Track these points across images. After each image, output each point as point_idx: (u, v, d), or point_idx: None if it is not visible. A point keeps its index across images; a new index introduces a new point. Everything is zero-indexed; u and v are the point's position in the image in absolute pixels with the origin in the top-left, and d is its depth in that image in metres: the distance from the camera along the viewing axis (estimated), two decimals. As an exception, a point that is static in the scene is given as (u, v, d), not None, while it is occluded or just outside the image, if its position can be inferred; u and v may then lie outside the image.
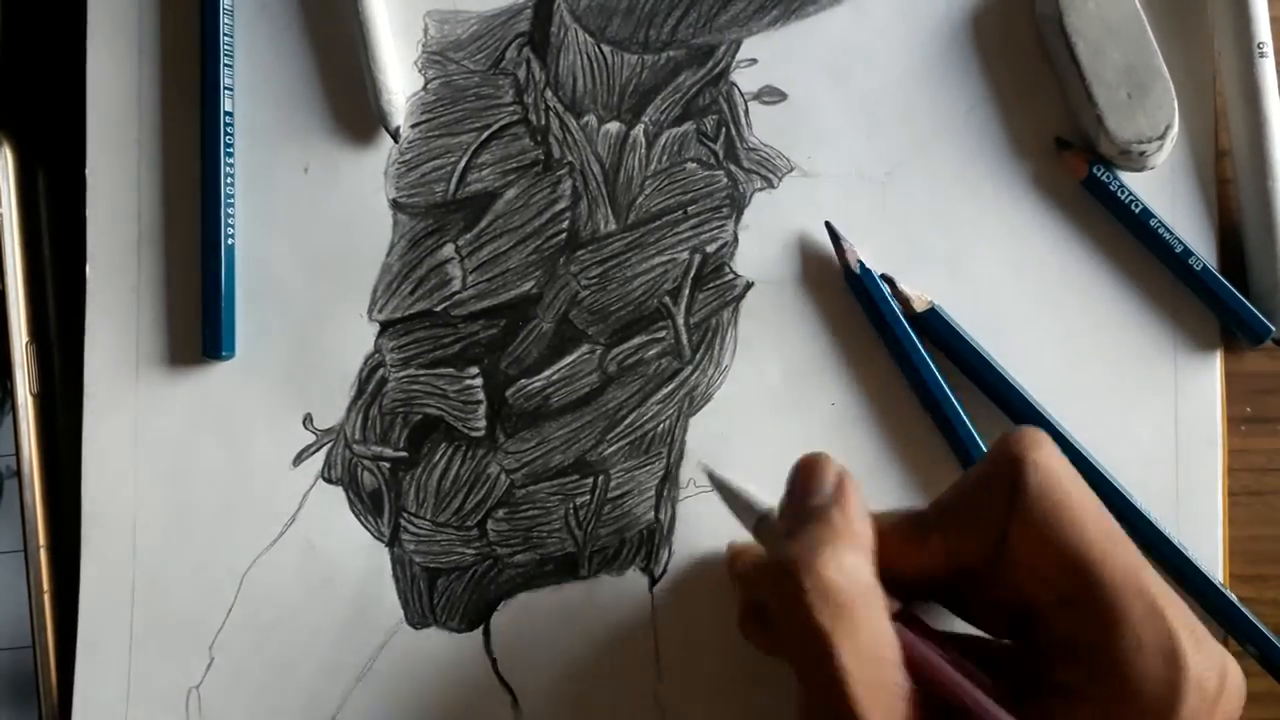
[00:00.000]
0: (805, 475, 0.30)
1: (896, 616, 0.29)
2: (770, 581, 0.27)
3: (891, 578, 0.28)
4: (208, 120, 0.38)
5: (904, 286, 0.37)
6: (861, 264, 0.37)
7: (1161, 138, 0.37)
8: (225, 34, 0.38)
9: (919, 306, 0.37)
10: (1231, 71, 0.37)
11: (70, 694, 0.37)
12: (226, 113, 0.38)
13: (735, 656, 0.32)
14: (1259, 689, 0.37)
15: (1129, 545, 0.28)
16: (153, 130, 0.39)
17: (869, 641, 0.26)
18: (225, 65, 0.38)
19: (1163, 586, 0.27)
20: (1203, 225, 0.38)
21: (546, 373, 0.38)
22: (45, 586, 0.38)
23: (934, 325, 0.37)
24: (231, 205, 0.38)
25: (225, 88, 0.38)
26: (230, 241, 0.38)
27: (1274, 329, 0.37)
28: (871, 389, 0.38)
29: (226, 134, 0.38)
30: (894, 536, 0.29)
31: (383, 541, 0.38)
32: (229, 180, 0.38)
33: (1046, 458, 0.28)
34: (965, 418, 0.37)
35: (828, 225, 0.38)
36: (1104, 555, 0.27)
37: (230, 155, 0.38)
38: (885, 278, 0.38)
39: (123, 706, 0.37)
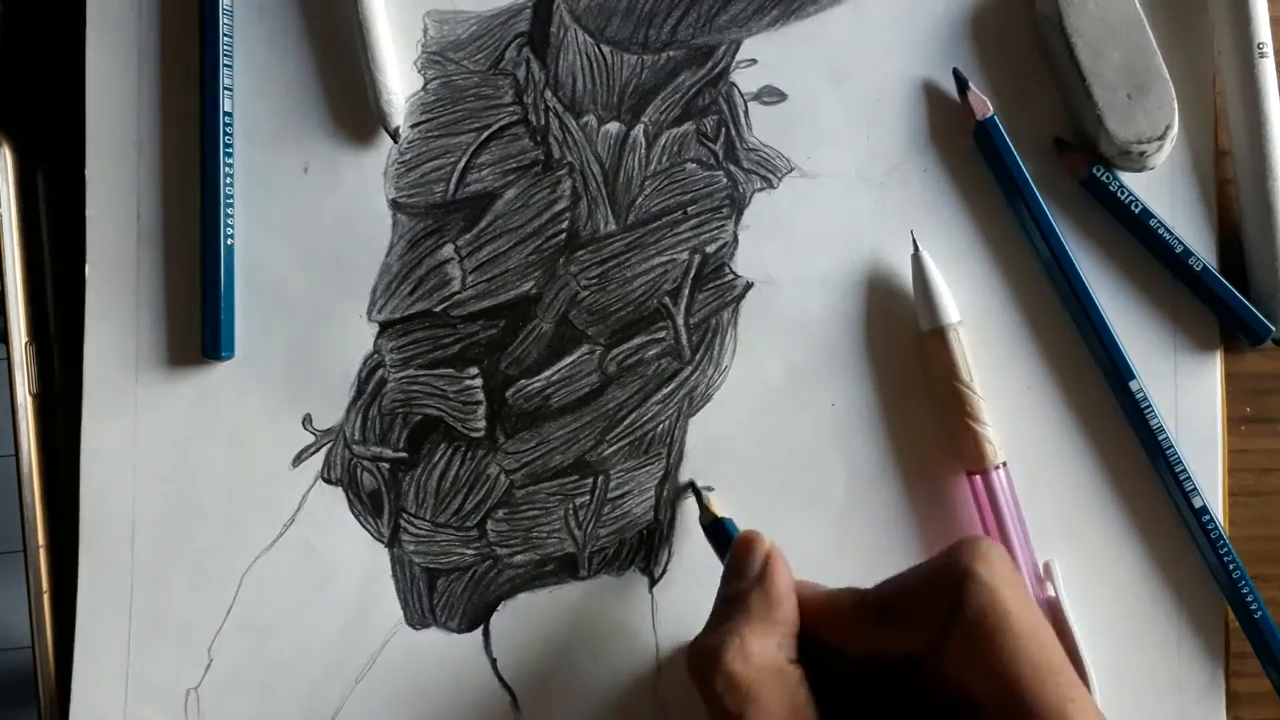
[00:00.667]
0: (736, 555, 0.32)
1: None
2: (689, 668, 0.29)
3: (835, 651, 0.30)
4: (207, 121, 0.38)
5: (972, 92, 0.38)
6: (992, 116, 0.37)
7: (1161, 138, 0.37)
8: (225, 34, 0.38)
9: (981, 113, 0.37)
10: (1231, 72, 0.37)
11: (69, 694, 0.37)
12: (226, 113, 0.38)
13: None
14: (1256, 690, 0.37)
15: (1064, 672, 0.28)
16: (152, 131, 0.39)
17: (772, 715, 0.28)
18: (225, 66, 0.38)
19: (1094, 716, 0.27)
20: (1202, 225, 0.38)
21: (546, 373, 0.38)
22: (44, 586, 0.38)
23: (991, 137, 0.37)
24: (231, 206, 0.38)
25: (225, 88, 0.38)
26: (230, 242, 0.38)
27: (1274, 329, 0.37)
28: (872, 391, 0.38)
29: (226, 134, 0.38)
30: (833, 615, 0.30)
31: (382, 542, 0.38)
32: (228, 181, 0.38)
33: (993, 575, 0.28)
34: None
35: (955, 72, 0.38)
36: (1031, 691, 0.27)
37: (230, 155, 0.38)
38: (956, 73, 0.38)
39: (120, 707, 0.37)
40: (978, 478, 0.36)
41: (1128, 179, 0.38)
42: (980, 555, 0.29)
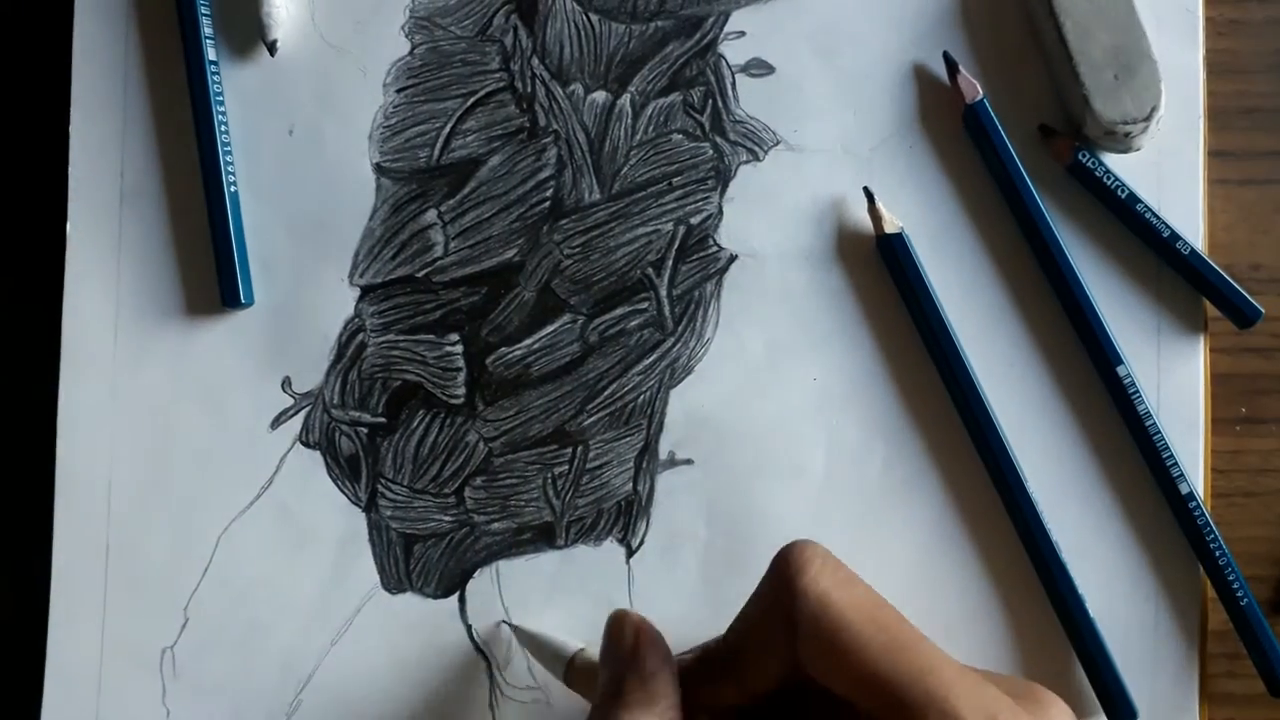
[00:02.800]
0: (607, 636, 0.31)
1: None
2: None
3: (720, 709, 0.30)
4: (194, 69, 0.38)
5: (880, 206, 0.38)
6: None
7: (1147, 119, 0.37)
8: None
9: (889, 228, 0.37)
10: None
11: (44, 653, 0.37)
12: (211, 61, 0.38)
13: (710, 629, 0.32)
14: (1249, 691, 0.37)
15: (915, 646, 0.28)
16: (138, 90, 0.39)
17: None
18: (204, 15, 0.38)
19: (960, 678, 0.27)
20: (1189, 209, 0.38)
21: (527, 341, 0.38)
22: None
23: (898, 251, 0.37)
24: (230, 152, 0.38)
25: (206, 37, 0.38)
26: (233, 189, 0.38)
27: (1263, 312, 0.37)
28: (853, 366, 0.38)
29: (214, 82, 0.38)
30: (697, 679, 0.30)
31: (360, 506, 0.38)
32: (224, 129, 0.38)
33: (813, 581, 0.28)
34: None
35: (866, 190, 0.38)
36: (888, 671, 0.27)
37: (221, 103, 0.38)
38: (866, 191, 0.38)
39: (96, 665, 0.37)
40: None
41: (1114, 162, 0.38)
42: (797, 566, 0.28)
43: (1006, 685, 0.28)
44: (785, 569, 0.29)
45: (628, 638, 0.30)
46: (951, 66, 0.38)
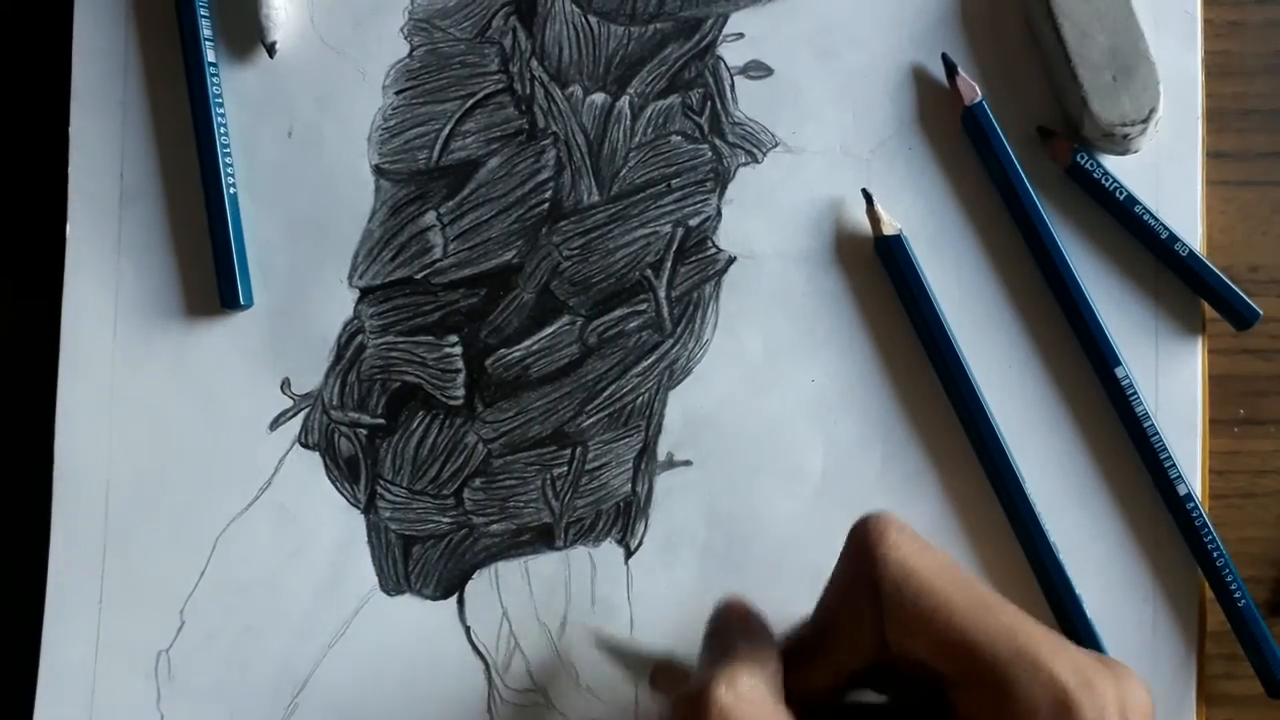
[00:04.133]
0: (717, 617, 0.31)
1: None
2: (680, 712, 0.29)
3: (815, 691, 0.30)
4: (193, 71, 0.38)
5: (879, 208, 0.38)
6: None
7: (1145, 121, 0.37)
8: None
9: (887, 230, 0.37)
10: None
11: (38, 654, 0.37)
12: (211, 63, 0.38)
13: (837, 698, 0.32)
14: (1247, 692, 0.37)
15: (999, 606, 0.28)
16: (138, 90, 0.39)
17: None
18: (203, 17, 0.38)
19: (1044, 635, 0.27)
20: (1187, 210, 0.38)
21: (526, 343, 0.38)
22: None
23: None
24: (229, 154, 0.38)
25: (206, 39, 0.38)
26: (232, 190, 0.38)
27: (1261, 313, 0.37)
28: (851, 367, 0.38)
29: (213, 84, 0.38)
30: (792, 663, 0.30)
31: (358, 508, 0.38)
32: (223, 131, 0.38)
33: (893, 548, 0.28)
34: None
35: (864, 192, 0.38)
36: (975, 631, 0.27)
37: (220, 106, 0.38)
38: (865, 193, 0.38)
39: (91, 667, 0.37)
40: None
41: (1112, 164, 0.38)
42: (875, 536, 0.29)
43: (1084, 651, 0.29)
44: (864, 540, 0.29)
45: (739, 613, 0.31)
46: (950, 68, 0.38)
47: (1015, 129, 0.38)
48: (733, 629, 0.30)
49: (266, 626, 0.37)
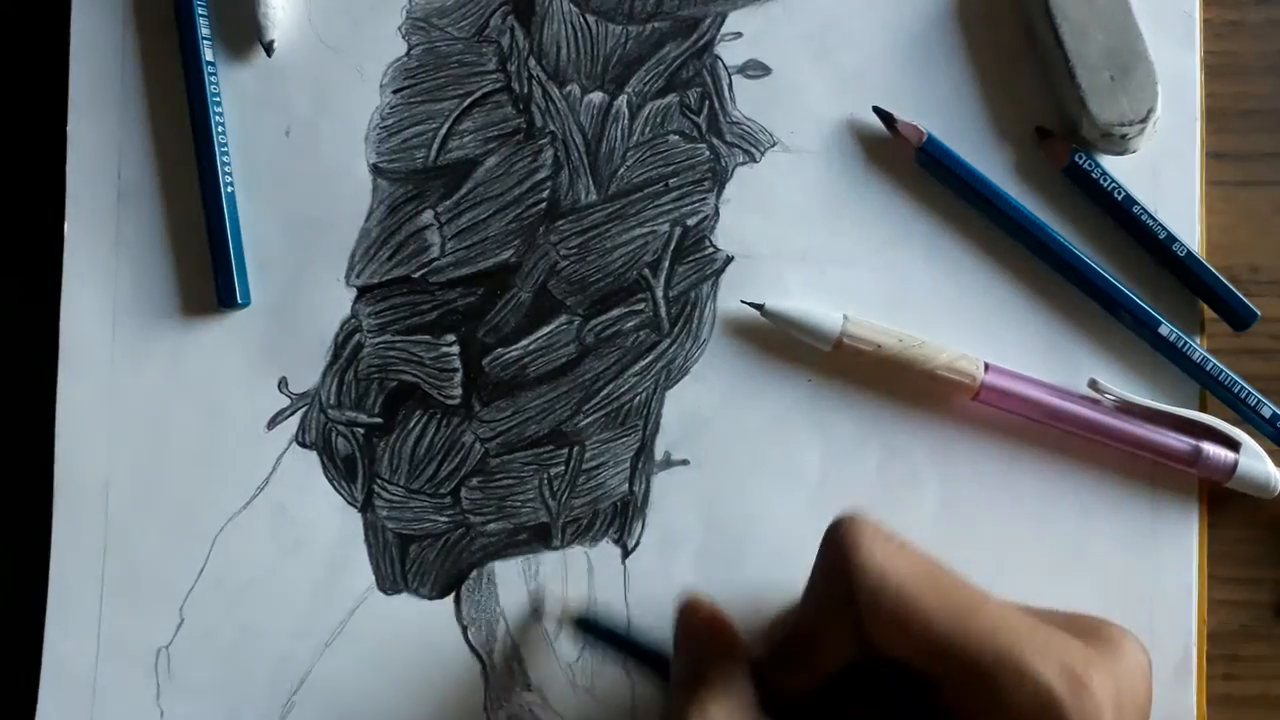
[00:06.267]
0: (682, 622, 0.31)
1: None
2: None
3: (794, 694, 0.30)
4: (190, 70, 0.38)
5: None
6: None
7: (1143, 121, 0.37)
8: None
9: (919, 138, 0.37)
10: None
11: (39, 652, 0.37)
12: (208, 62, 0.38)
13: (826, 695, 0.32)
14: (1256, 692, 0.37)
15: (980, 607, 0.27)
16: (136, 90, 0.39)
17: None
18: (201, 16, 0.38)
19: (1029, 634, 0.27)
20: (1185, 211, 0.38)
21: (524, 342, 0.38)
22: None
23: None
24: (226, 153, 0.38)
25: (204, 37, 0.38)
26: (230, 189, 0.38)
27: (1259, 314, 0.37)
28: (849, 367, 0.38)
29: (211, 83, 0.38)
30: (769, 668, 0.30)
31: (356, 507, 0.38)
32: (220, 130, 0.38)
33: (867, 555, 0.28)
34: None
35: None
36: (956, 636, 0.27)
37: (218, 103, 0.38)
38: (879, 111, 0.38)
39: (92, 664, 0.37)
40: (982, 395, 0.36)
41: (1110, 164, 0.38)
42: (849, 542, 0.28)
43: (1075, 625, 0.28)
44: (839, 545, 0.28)
45: (703, 627, 0.30)
46: (887, 120, 0.38)
47: (1012, 129, 0.38)
48: (701, 641, 0.30)
49: (264, 625, 0.37)
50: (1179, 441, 0.36)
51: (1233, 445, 0.36)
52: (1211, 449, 0.36)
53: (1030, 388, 0.36)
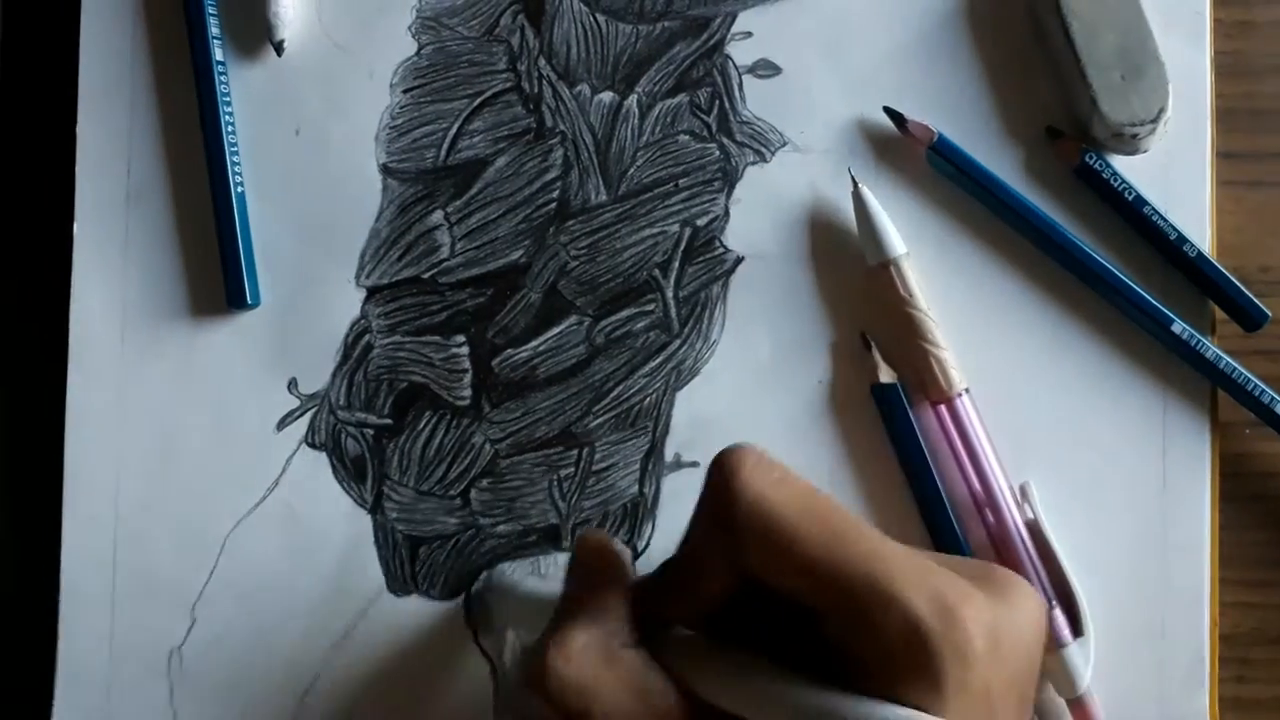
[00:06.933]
0: (571, 556, 0.31)
1: None
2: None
3: (683, 616, 0.29)
4: (200, 69, 0.38)
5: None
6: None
7: (1155, 121, 0.36)
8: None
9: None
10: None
11: (54, 654, 0.37)
12: (218, 61, 0.38)
13: (713, 629, 0.31)
14: (1265, 695, 0.37)
15: (857, 535, 0.27)
16: (146, 90, 0.39)
17: (618, 701, 0.27)
18: (211, 15, 0.38)
19: (904, 562, 0.26)
20: (1196, 211, 0.38)
21: (533, 343, 0.38)
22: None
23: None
24: (236, 153, 0.38)
25: (214, 37, 0.38)
26: (240, 189, 0.38)
27: (1269, 314, 0.37)
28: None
29: (221, 83, 0.38)
30: (655, 593, 0.30)
31: (365, 508, 0.38)
32: (230, 130, 0.38)
33: (747, 481, 0.27)
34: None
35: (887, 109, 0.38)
36: (829, 563, 0.26)
37: (228, 104, 0.38)
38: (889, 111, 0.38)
39: (106, 666, 0.37)
40: (943, 406, 0.37)
41: (1121, 164, 0.37)
42: (730, 469, 0.27)
43: (966, 568, 0.27)
44: (719, 474, 0.28)
45: (590, 558, 0.30)
46: (897, 119, 0.38)
47: (1023, 129, 0.38)
48: (587, 571, 0.30)
49: (276, 625, 0.37)
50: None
51: (1077, 625, 0.36)
52: (1059, 615, 0.36)
53: (973, 433, 0.36)
